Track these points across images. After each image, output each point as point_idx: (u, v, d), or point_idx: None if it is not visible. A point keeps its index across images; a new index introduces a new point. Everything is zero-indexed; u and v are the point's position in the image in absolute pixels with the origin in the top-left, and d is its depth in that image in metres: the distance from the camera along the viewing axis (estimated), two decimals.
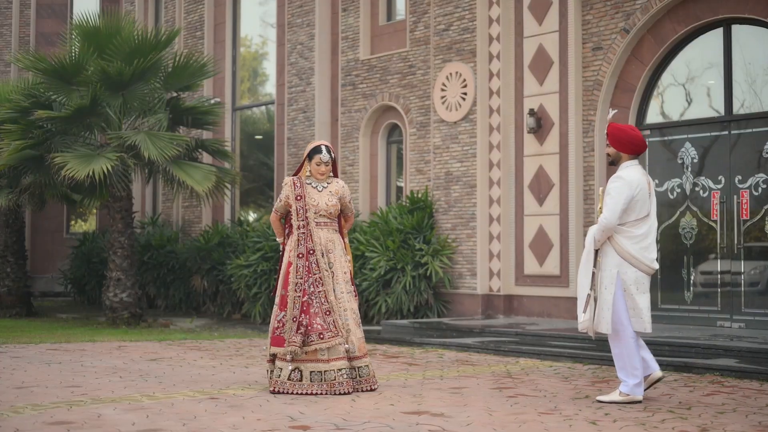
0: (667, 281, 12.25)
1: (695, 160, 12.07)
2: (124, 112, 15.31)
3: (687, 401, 7.12)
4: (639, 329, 7.07)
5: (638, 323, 7.06)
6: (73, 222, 23.93)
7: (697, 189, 12.02)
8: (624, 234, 7.04)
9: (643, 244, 7.07)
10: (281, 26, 17.75)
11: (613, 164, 7.35)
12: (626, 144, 7.19)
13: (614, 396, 7.06)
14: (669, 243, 12.25)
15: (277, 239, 7.98)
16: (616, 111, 7.94)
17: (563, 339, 10.66)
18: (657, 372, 7.16)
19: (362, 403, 6.92)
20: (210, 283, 17.33)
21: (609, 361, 9.42)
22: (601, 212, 7.14)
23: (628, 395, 6.98)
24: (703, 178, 11.97)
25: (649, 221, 7.14)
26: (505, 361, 9.82)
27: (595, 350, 10.06)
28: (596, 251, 7.13)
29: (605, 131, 7.42)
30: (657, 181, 12.39)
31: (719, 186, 11.79)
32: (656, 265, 7.16)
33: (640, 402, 6.99)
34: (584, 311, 7.08)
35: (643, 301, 7.06)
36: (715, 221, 11.81)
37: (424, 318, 13.79)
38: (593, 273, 7.08)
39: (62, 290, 22.01)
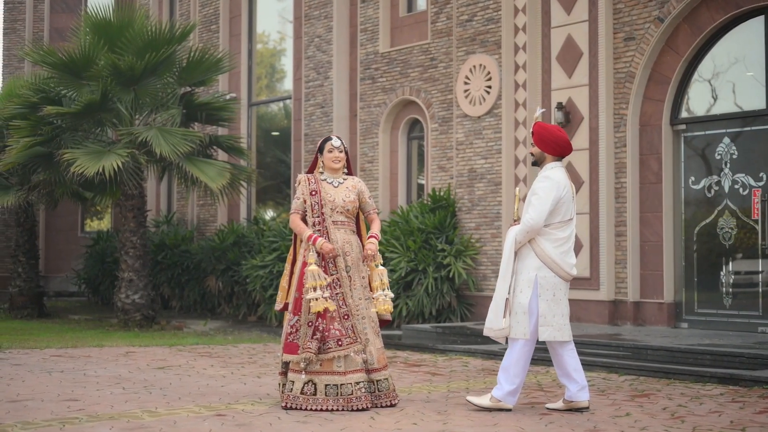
0: (703, 284, 11.61)
1: (734, 156, 11.41)
2: (135, 108, 14.80)
3: (739, 420, 6.48)
4: (547, 338, 6.71)
5: (547, 332, 6.70)
6: (87, 220, 23.50)
7: (736, 187, 11.36)
8: (547, 236, 6.74)
9: (563, 248, 6.77)
10: (298, 19, 17.19)
11: (536, 165, 7.06)
12: (551, 144, 6.89)
13: (485, 400, 6.79)
14: (706, 244, 11.60)
15: (304, 234, 7.00)
16: (543, 110, 7.54)
17: (596, 347, 10.03)
18: (584, 402, 6.76)
19: (382, 422, 6.33)
20: (225, 284, 16.82)
21: (647, 372, 8.85)
22: (518, 214, 6.94)
23: (499, 402, 6.75)
24: (742, 175, 11.32)
25: (572, 225, 6.87)
26: (535, 371, 9.20)
27: (632, 359, 9.44)
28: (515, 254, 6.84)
29: (531, 130, 7.10)
30: (693, 178, 11.75)
31: (760, 183, 11.13)
32: (575, 272, 6.85)
33: (509, 410, 6.71)
34: (504, 316, 6.76)
35: (558, 308, 6.74)
36: (755, 221, 11.16)
37: (446, 322, 13.20)
38: (511, 277, 6.79)
39: (76, 290, 21.58)
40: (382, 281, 7.04)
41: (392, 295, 7.06)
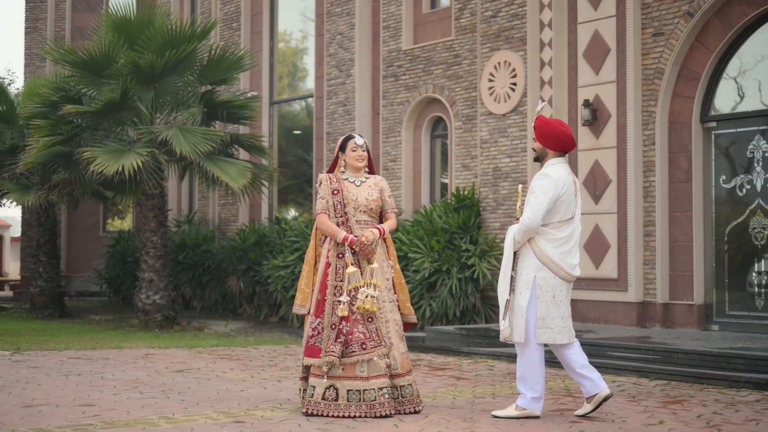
0: (734, 285, 11.31)
1: (767, 154, 11.10)
2: (156, 107, 14.65)
3: None
4: (546, 341, 6.48)
5: (546, 334, 6.47)
6: (110, 219, 23.42)
7: None
8: (545, 236, 6.49)
9: (564, 248, 6.50)
10: (320, 16, 17.00)
11: (537, 161, 6.79)
12: (552, 140, 6.62)
13: (510, 411, 6.56)
14: (737, 244, 11.30)
15: (338, 235, 6.75)
16: (544, 103, 7.26)
17: (625, 350, 9.77)
18: (605, 390, 6.55)
19: (406, 429, 6.11)
20: (246, 284, 16.65)
21: (678, 376, 8.60)
22: (521, 211, 6.64)
23: (525, 409, 6.52)
24: None
25: (574, 224, 6.58)
26: (563, 375, 8.94)
27: (662, 363, 9.17)
28: (515, 253, 6.59)
29: (533, 124, 6.80)
30: (724, 177, 11.46)
31: None
32: (577, 272, 6.56)
33: (537, 417, 6.47)
34: (504, 318, 6.53)
35: (557, 311, 6.49)
36: None
37: (470, 323, 12.96)
38: (512, 277, 6.55)
39: (98, 290, 21.51)
40: (368, 280, 6.69)
41: (375, 294, 6.63)
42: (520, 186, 7.06)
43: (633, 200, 11.87)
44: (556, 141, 6.61)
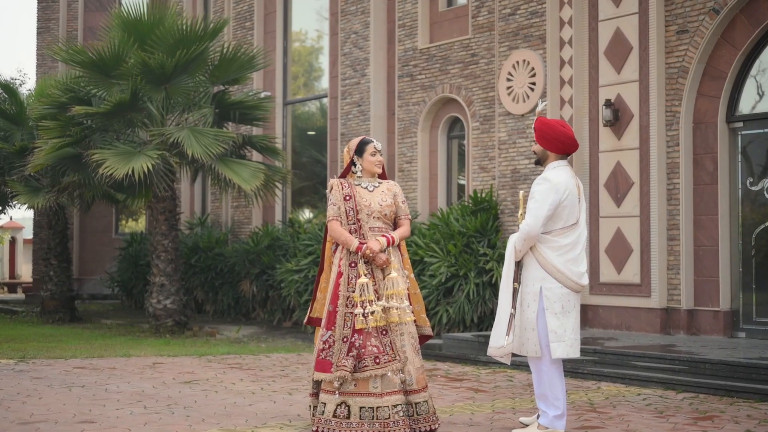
0: (762, 291, 10.91)
1: None
2: (167, 108, 14.36)
3: None
4: (561, 355, 6.08)
5: (560, 348, 6.07)
6: (123, 221, 23.19)
7: None
8: (548, 244, 6.12)
9: (569, 255, 6.12)
10: (334, 15, 16.67)
11: (539, 164, 6.42)
12: (552, 141, 6.25)
13: (532, 429, 6.20)
14: (765, 248, 10.91)
15: (351, 244, 6.37)
16: (545, 102, 6.86)
17: (650, 359, 9.39)
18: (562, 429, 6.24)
19: None
20: (259, 288, 16.36)
21: (706, 389, 8.22)
22: (523, 219, 6.26)
23: (547, 428, 6.14)
24: None
25: (578, 230, 6.20)
26: (585, 387, 8.59)
27: (688, 374, 8.79)
28: (518, 263, 6.21)
29: (533, 126, 6.45)
30: (751, 179, 11.06)
31: None
32: (585, 281, 6.17)
33: None
34: (507, 333, 6.11)
35: (568, 322, 6.12)
36: None
37: (488, 330, 12.60)
38: (515, 289, 6.15)
39: (110, 293, 21.27)
40: (389, 290, 6.31)
41: (399, 305, 6.27)
42: (522, 192, 6.67)
43: (656, 203, 11.49)
44: (557, 142, 6.26)
